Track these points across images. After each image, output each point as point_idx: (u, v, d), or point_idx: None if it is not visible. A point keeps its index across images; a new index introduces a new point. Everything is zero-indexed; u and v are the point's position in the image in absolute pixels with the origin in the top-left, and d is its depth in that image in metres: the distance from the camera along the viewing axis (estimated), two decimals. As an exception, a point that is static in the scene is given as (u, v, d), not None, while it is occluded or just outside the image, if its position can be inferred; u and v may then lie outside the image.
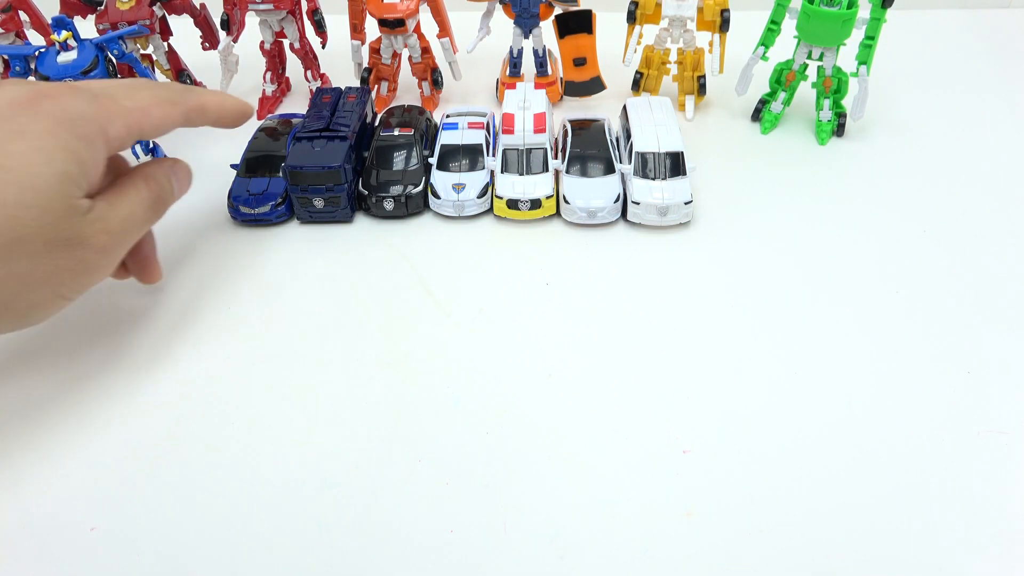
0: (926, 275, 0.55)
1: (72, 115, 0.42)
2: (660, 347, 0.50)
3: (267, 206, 0.60)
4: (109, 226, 0.44)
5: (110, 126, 0.44)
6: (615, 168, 0.62)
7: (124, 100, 0.46)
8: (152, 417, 0.47)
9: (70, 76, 0.60)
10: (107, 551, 0.40)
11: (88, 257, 0.43)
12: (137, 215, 0.47)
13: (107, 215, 0.44)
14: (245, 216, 0.60)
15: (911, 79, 0.77)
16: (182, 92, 0.51)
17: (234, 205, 0.60)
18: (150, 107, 0.47)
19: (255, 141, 0.64)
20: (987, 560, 0.39)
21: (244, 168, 0.62)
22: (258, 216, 0.60)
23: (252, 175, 0.62)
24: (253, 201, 0.60)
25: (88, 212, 0.43)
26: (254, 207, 0.60)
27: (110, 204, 0.45)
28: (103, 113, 0.44)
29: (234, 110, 0.55)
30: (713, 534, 0.40)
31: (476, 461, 0.44)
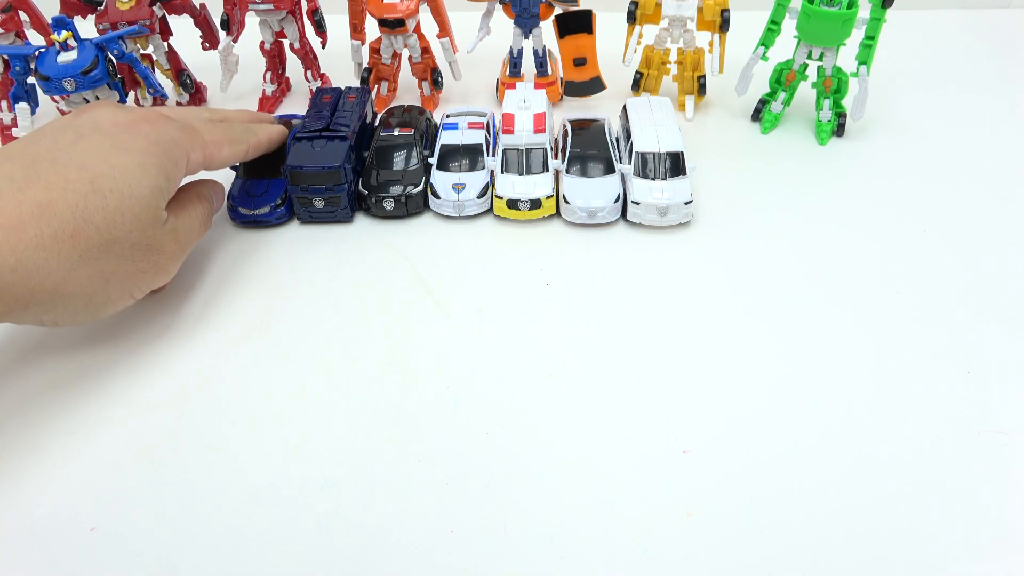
0: (926, 275, 0.55)
1: (166, 138, 0.49)
2: (660, 347, 0.50)
3: (266, 207, 0.60)
4: (178, 236, 0.50)
5: (193, 153, 0.51)
6: (615, 168, 0.62)
7: (205, 134, 0.53)
8: (152, 417, 0.47)
9: (70, 76, 0.60)
10: (107, 551, 0.40)
11: (161, 262, 0.49)
12: (195, 228, 0.53)
13: (176, 226, 0.50)
14: (244, 217, 0.60)
15: (911, 79, 0.77)
16: (245, 132, 0.58)
17: (233, 206, 0.60)
18: (222, 144, 0.54)
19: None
20: (987, 560, 0.39)
21: (243, 170, 0.63)
22: (257, 217, 0.60)
23: (251, 177, 0.62)
24: (252, 202, 0.60)
25: (165, 222, 0.49)
26: (253, 208, 0.60)
27: (177, 217, 0.50)
28: (189, 141, 0.51)
29: (280, 138, 0.62)
30: (713, 534, 0.40)
31: (476, 461, 0.44)
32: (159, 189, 0.47)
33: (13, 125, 0.69)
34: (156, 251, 0.48)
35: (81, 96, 0.63)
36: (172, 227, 0.50)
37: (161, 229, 0.48)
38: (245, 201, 0.61)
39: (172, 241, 0.50)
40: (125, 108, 0.50)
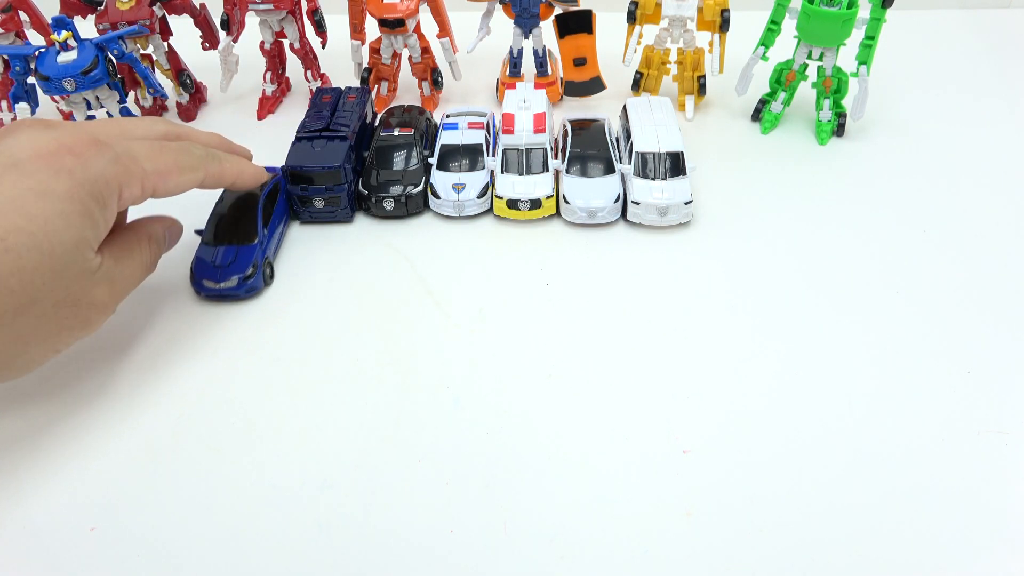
0: (926, 275, 0.55)
1: (93, 176, 0.42)
2: (660, 347, 0.50)
3: (233, 279, 0.53)
4: (113, 285, 0.45)
5: (127, 188, 0.45)
6: (615, 168, 0.62)
7: (145, 162, 0.46)
8: (152, 417, 0.47)
9: (70, 76, 0.60)
10: (107, 551, 0.40)
11: (89, 314, 0.44)
12: (135, 275, 0.48)
13: (112, 273, 0.45)
14: (209, 291, 0.54)
15: (911, 79, 0.77)
16: (203, 160, 0.50)
17: (197, 278, 0.54)
18: (169, 172, 0.47)
19: (222, 204, 0.58)
20: (987, 560, 0.39)
21: (211, 235, 0.56)
22: (223, 291, 0.53)
23: (220, 243, 0.55)
24: (218, 273, 0.53)
25: (96, 271, 0.43)
26: (218, 280, 0.53)
27: (116, 261, 0.45)
28: (123, 174, 0.44)
29: (252, 177, 0.55)
30: (713, 534, 0.40)
31: (476, 461, 0.44)
32: (84, 240, 0.42)
33: (13, 125, 0.69)
34: (85, 305, 0.43)
35: (81, 96, 0.63)
36: (106, 275, 0.44)
37: (91, 279, 0.43)
38: (210, 272, 0.53)
39: (105, 291, 0.44)
40: (49, 130, 0.43)
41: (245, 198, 0.58)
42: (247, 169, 0.55)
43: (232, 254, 0.54)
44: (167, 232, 0.53)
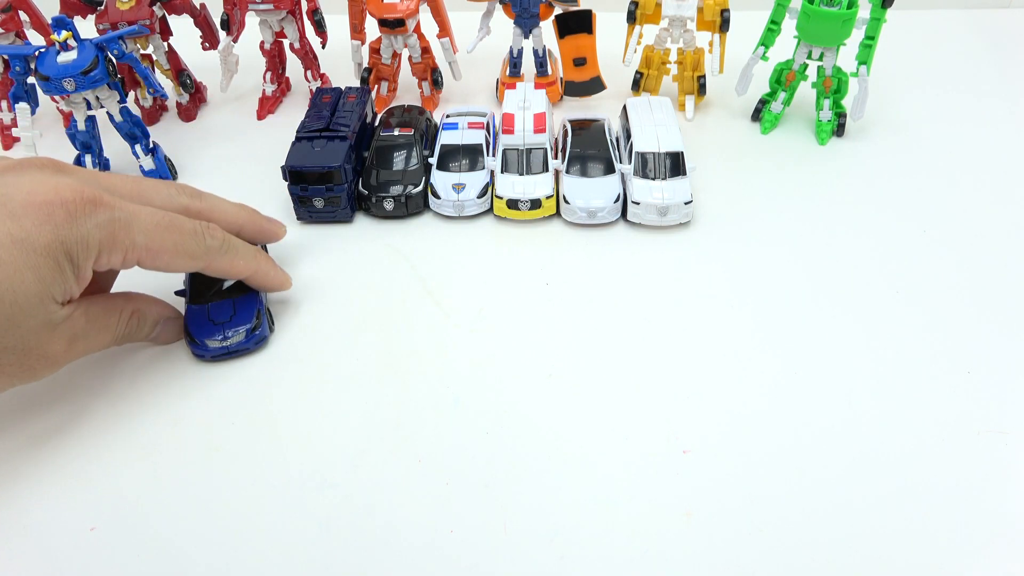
0: (926, 275, 0.55)
1: (76, 236, 0.41)
2: (660, 347, 0.50)
3: (241, 333, 0.49)
4: (74, 343, 0.43)
5: (106, 255, 0.43)
6: (615, 168, 0.62)
7: (139, 235, 0.43)
8: (152, 417, 0.47)
9: (70, 76, 0.60)
10: (107, 551, 0.40)
11: (35, 365, 0.42)
12: (103, 340, 0.46)
13: (77, 330, 0.43)
14: (215, 352, 0.49)
15: (911, 79, 0.77)
16: (211, 251, 0.47)
17: (196, 341, 0.49)
18: (162, 252, 0.45)
19: None
20: (987, 560, 0.39)
21: (191, 293, 0.51)
22: (231, 348, 0.49)
23: (209, 301, 0.51)
24: (219, 331, 0.49)
25: (59, 324, 0.42)
26: (223, 339, 0.49)
27: (88, 321, 0.44)
28: (108, 240, 0.42)
29: (272, 281, 0.52)
30: (713, 534, 0.40)
31: (476, 461, 0.44)
32: (50, 295, 0.41)
33: (13, 125, 0.69)
34: (35, 355, 0.41)
35: (81, 96, 0.63)
36: (69, 330, 0.43)
37: (50, 332, 0.42)
38: (209, 331, 0.49)
39: (62, 345, 0.42)
40: (56, 176, 0.43)
41: None
42: (266, 271, 0.51)
43: (229, 307, 0.50)
44: (160, 321, 0.49)
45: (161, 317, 0.50)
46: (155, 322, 0.49)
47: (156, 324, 0.49)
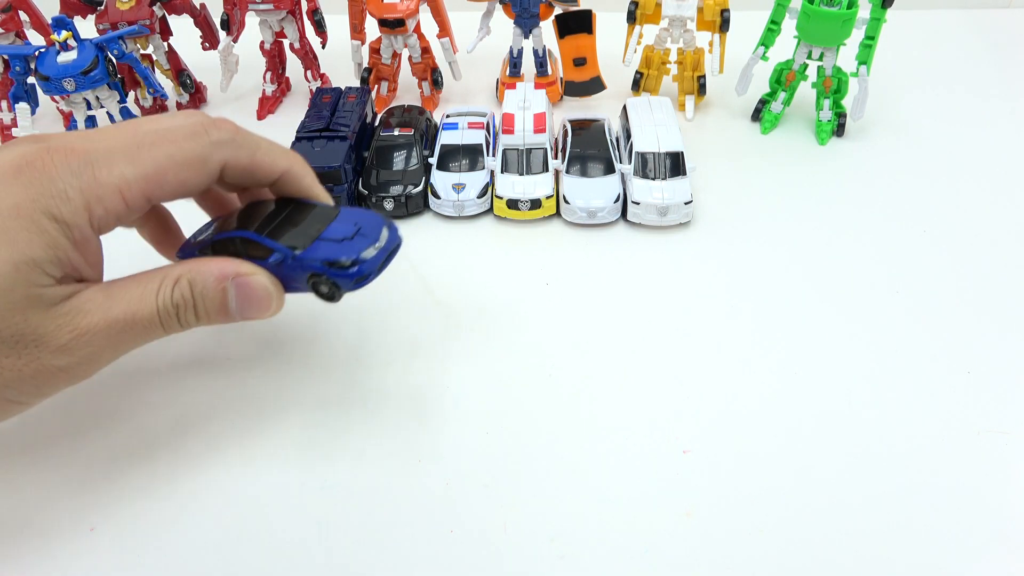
0: (926, 275, 0.55)
1: (51, 191, 0.35)
2: (660, 347, 0.50)
3: (385, 234, 0.40)
4: (79, 324, 0.35)
5: (98, 204, 0.36)
6: (615, 168, 0.62)
7: (126, 167, 0.37)
8: (151, 417, 0.47)
9: (70, 76, 0.60)
10: (107, 551, 0.40)
11: (43, 358, 0.35)
12: (140, 324, 0.36)
13: (86, 309, 0.35)
14: (373, 265, 0.40)
15: (911, 79, 0.77)
16: (220, 147, 0.39)
17: (344, 261, 0.39)
18: (164, 172, 0.37)
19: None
20: (987, 560, 0.39)
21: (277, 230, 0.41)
22: (392, 251, 0.41)
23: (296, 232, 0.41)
24: (364, 242, 0.40)
25: (56, 304, 0.35)
26: (376, 242, 0.40)
27: (106, 296, 0.36)
28: (90, 187, 0.36)
29: (315, 187, 0.43)
30: (713, 534, 0.40)
31: (476, 461, 0.44)
32: (32, 262, 0.34)
33: (13, 125, 0.69)
34: (33, 344, 0.34)
35: (81, 96, 0.63)
36: (72, 310, 0.35)
37: (43, 314, 0.34)
38: (348, 248, 0.39)
39: (64, 330, 0.35)
40: (29, 144, 0.36)
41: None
42: (302, 171, 0.42)
43: (342, 224, 0.40)
44: (228, 283, 0.38)
45: (227, 277, 0.38)
46: (220, 286, 0.38)
47: (221, 290, 0.38)
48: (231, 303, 0.38)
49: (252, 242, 0.40)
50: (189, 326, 0.38)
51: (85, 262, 0.37)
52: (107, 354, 0.37)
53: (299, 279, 0.40)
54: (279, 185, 0.42)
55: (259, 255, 0.39)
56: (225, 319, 0.38)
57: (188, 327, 0.38)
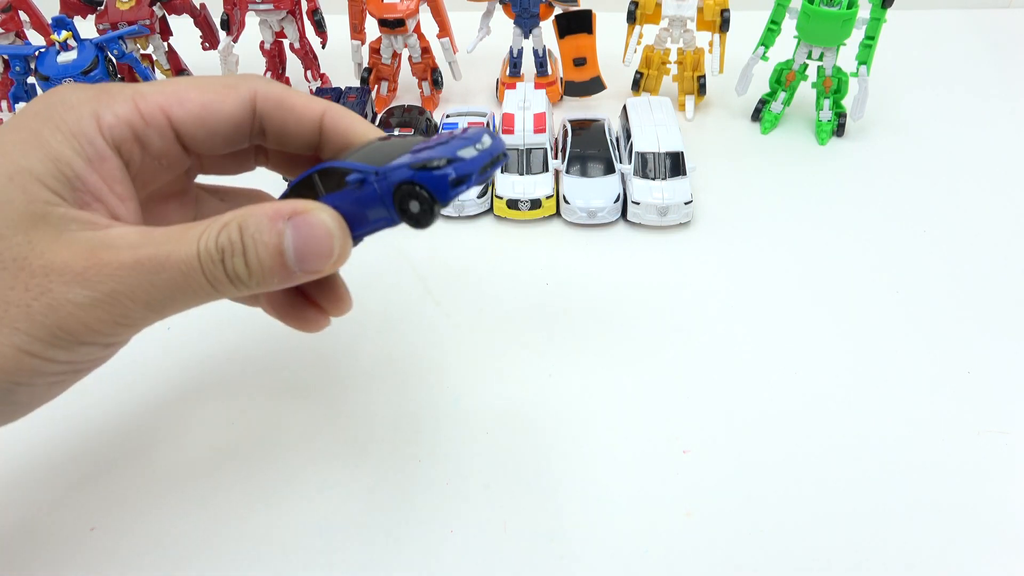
0: (926, 275, 0.55)
1: (52, 102, 0.30)
2: (660, 347, 0.50)
3: (487, 138, 0.32)
4: (101, 256, 0.28)
5: (107, 108, 0.31)
6: (615, 168, 0.62)
7: (143, 87, 0.32)
8: (152, 417, 0.47)
9: (70, 76, 0.60)
10: (107, 551, 0.40)
11: (55, 289, 0.28)
12: (171, 263, 0.28)
13: (114, 244, 0.29)
14: (482, 162, 0.31)
15: (911, 79, 0.77)
16: (249, 79, 0.35)
17: (447, 158, 0.30)
18: (188, 91, 0.33)
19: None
20: (987, 560, 0.39)
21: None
22: (499, 155, 0.33)
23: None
24: (464, 143, 0.32)
25: (71, 230, 0.29)
26: (480, 143, 0.32)
27: (142, 235, 0.29)
28: (98, 95, 0.31)
29: (347, 123, 0.36)
30: (713, 534, 0.40)
31: (476, 461, 0.44)
32: (27, 171, 0.28)
33: (13, 125, 0.69)
34: (44, 272, 0.28)
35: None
36: (92, 241, 0.28)
37: (52, 237, 0.28)
38: (445, 149, 0.31)
39: (83, 259, 0.28)
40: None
41: None
42: (340, 112, 0.36)
43: (443, 137, 0.33)
44: (283, 222, 0.30)
45: (282, 216, 0.30)
46: (274, 227, 0.30)
47: (277, 232, 0.30)
48: (288, 248, 0.30)
49: (329, 172, 0.33)
50: (240, 281, 0.30)
51: (109, 190, 0.31)
52: (137, 306, 0.29)
53: (383, 205, 0.32)
54: (325, 138, 0.36)
55: (335, 184, 0.32)
56: (282, 271, 0.30)
57: (239, 284, 0.30)
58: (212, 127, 0.33)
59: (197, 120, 0.33)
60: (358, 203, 0.32)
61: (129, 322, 0.29)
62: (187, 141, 0.33)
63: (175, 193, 0.37)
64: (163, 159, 0.33)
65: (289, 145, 0.36)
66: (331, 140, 0.35)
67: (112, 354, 0.31)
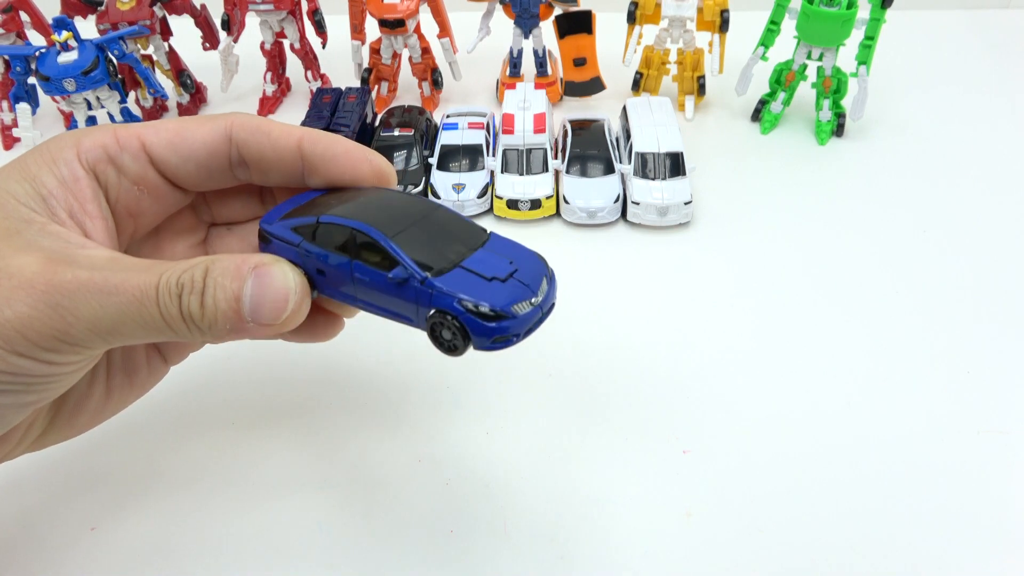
0: (925, 275, 0.55)
1: (52, 138, 0.33)
2: (660, 347, 0.50)
3: (545, 285, 0.34)
4: (58, 271, 0.28)
5: (87, 138, 0.32)
6: (615, 168, 0.62)
7: (134, 123, 0.34)
8: (152, 418, 0.47)
9: (70, 76, 0.60)
10: (107, 551, 0.40)
11: (15, 298, 0.27)
12: (128, 287, 0.28)
13: (79, 260, 0.29)
14: (527, 321, 0.32)
15: (911, 79, 0.77)
16: (233, 114, 0.35)
17: (491, 312, 0.30)
18: (163, 124, 0.34)
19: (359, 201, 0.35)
20: (987, 560, 0.39)
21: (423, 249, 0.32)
22: (547, 310, 0.35)
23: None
24: (521, 290, 0.32)
25: (39, 239, 0.29)
26: (534, 295, 0.32)
27: (111, 259, 0.30)
28: (87, 129, 0.33)
29: (324, 146, 0.34)
30: (713, 534, 0.40)
31: (476, 461, 0.44)
32: (6, 193, 0.30)
33: (14, 125, 0.70)
34: (6, 275, 0.28)
35: (82, 96, 0.63)
36: (54, 254, 0.29)
37: (13, 242, 0.29)
38: (494, 292, 0.30)
39: (36, 265, 0.28)
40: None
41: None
42: (334, 143, 0.34)
43: (488, 256, 0.32)
44: (248, 271, 0.30)
45: (249, 266, 0.30)
46: (239, 273, 0.30)
47: (239, 277, 0.30)
48: (245, 298, 0.30)
49: (372, 242, 0.30)
50: (191, 321, 0.30)
51: (81, 208, 0.31)
52: (80, 325, 0.28)
53: (414, 309, 0.31)
54: (308, 164, 0.35)
55: (375, 262, 0.30)
56: (235, 318, 0.30)
57: (190, 323, 0.30)
58: (185, 153, 0.34)
59: (169, 145, 0.33)
60: (386, 289, 0.31)
61: (70, 340, 0.28)
62: (162, 167, 0.34)
63: (183, 231, 0.38)
64: (142, 184, 0.34)
65: (272, 175, 0.36)
66: (314, 167, 0.35)
67: (66, 375, 0.30)
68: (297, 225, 0.32)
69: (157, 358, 0.38)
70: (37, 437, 0.35)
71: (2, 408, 0.29)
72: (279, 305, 0.31)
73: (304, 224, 0.32)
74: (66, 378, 0.30)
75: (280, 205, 0.35)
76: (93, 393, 0.35)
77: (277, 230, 0.33)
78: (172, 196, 0.35)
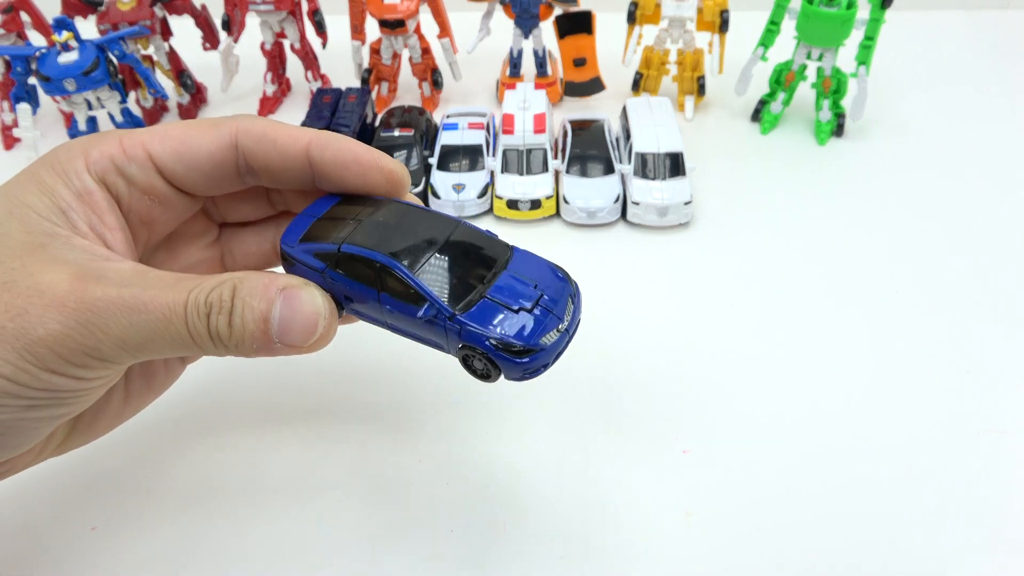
0: (925, 275, 0.55)
1: (56, 149, 0.33)
2: (660, 347, 0.50)
3: (569, 308, 0.34)
4: (86, 287, 0.28)
5: (95, 148, 0.32)
6: (615, 168, 0.62)
7: (138, 130, 0.34)
8: (153, 418, 0.47)
9: (71, 76, 0.60)
10: (107, 551, 0.40)
11: (32, 312, 0.27)
12: (156, 306, 0.29)
13: (106, 275, 0.29)
14: (554, 351, 0.33)
15: (911, 79, 0.77)
16: (239, 117, 0.35)
17: (519, 346, 0.31)
18: (169, 130, 0.34)
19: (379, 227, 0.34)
20: (986, 560, 0.39)
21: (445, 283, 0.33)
22: (573, 332, 0.35)
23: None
24: (548, 319, 0.33)
25: (64, 253, 0.29)
26: (559, 320, 0.33)
27: (137, 273, 0.30)
28: (89, 140, 0.33)
29: (335, 150, 0.34)
30: (713, 534, 0.40)
31: (476, 461, 0.44)
32: (22, 203, 0.30)
33: (14, 126, 0.70)
34: (29, 292, 0.28)
35: (82, 96, 0.63)
36: (82, 267, 0.29)
37: (39, 257, 0.29)
38: (520, 323, 0.31)
39: (67, 282, 0.28)
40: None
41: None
42: (342, 144, 0.34)
43: (527, 278, 0.32)
44: (276, 293, 0.30)
45: (275, 286, 0.31)
46: (267, 294, 0.30)
47: (268, 299, 0.30)
48: (274, 318, 0.30)
49: (396, 276, 0.31)
50: (219, 340, 0.31)
51: (99, 220, 0.32)
52: (110, 342, 0.28)
53: (444, 338, 0.31)
54: (317, 169, 0.35)
55: (402, 293, 0.31)
56: (263, 339, 0.31)
57: (217, 342, 0.31)
58: (190, 161, 0.34)
59: (175, 155, 0.33)
60: (415, 322, 0.31)
61: (100, 356, 0.29)
62: (168, 175, 0.34)
63: (196, 234, 0.39)
64: (151, 194, 0.34)
65: (281, 180, 0.36)
66: (324, 172, 0.35)
67: (95, 389, 0.31)
68: (319, 252, 0.33)
69: (174, 359, 0.38)
70: (60, 443, 0.36)
71: (34, 422, 0.30)
72: (309, 329, 0.31)
73: (326, 251, 0.32)
74: (94, 392, 0.31)
75: (296, 219, 0.35)
76: (113, 398, 0.36)
77: (299, 255, 0.33)
78: (182, 203, 0.36)
